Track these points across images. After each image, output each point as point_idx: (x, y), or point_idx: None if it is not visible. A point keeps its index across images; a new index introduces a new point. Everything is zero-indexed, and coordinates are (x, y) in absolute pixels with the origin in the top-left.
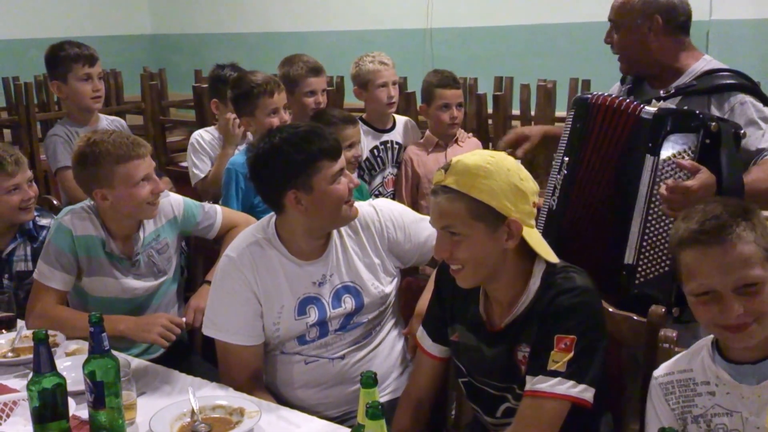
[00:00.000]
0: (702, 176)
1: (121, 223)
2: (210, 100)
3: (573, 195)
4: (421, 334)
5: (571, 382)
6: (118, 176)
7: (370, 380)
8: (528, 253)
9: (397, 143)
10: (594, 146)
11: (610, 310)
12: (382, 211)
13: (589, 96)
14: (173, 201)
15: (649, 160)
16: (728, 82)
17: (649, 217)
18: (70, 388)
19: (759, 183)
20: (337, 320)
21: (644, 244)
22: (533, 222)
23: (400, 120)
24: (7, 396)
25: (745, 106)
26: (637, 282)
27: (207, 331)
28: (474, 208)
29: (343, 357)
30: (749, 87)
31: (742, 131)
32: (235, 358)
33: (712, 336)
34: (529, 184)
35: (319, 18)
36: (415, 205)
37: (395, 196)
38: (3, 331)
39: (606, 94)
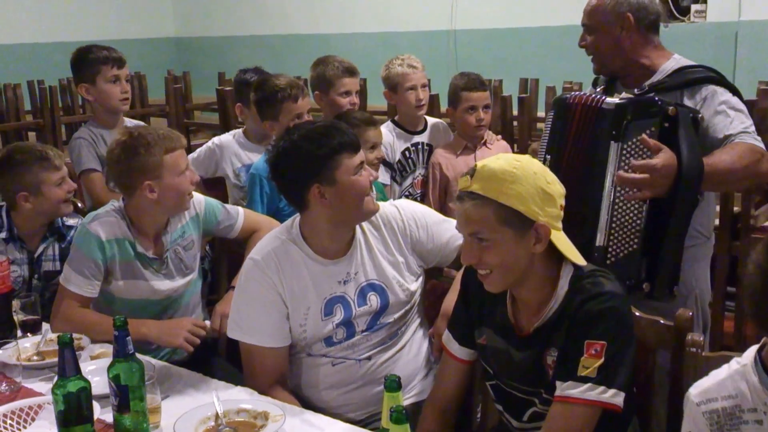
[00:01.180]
0: (664, 155)
1: (155, 220)
2: (235, 104)
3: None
4: (447, 338)
5: (602, 388)
6: (167, 165)
7: (394, 384)
8: (555, 257)
9: (428, 145)
10: (572, 143)
11: (637, 314)
12: (404, 210)
13: (568, 96)
14: (195, 199)
15: (613, 147)
16: (698, 76)
17: (616, 200)
18: (94, 391)
19: (718, 164)
20: (364, 320)
21: (613, 225)
22: (560, 225)
23: (432, 122)
24: (32, 399)
25: (715, 96)
26: (608, 262)
27: (232, 333)
28: (501, 214)
29: (369, 358)
30: (718, 79)
31: (700, 115)
32: (260, 360)
33: (752, 354)
34: (556, 187)
35: (342, 20)
36: (443, 208)
37: (423, 198)
38: (28, 334)
39: (583, 93)
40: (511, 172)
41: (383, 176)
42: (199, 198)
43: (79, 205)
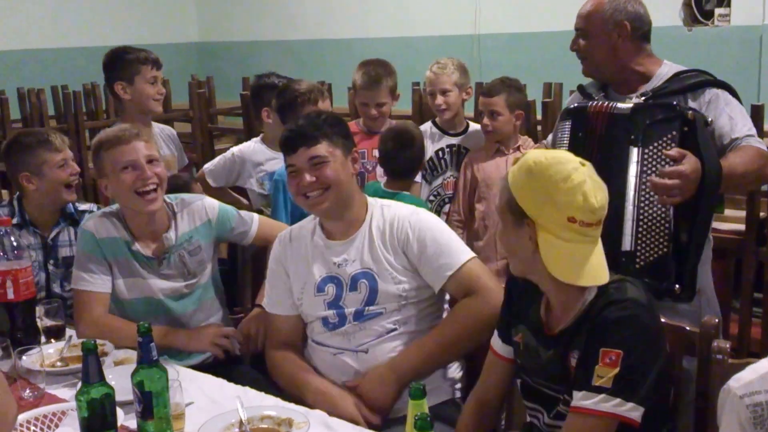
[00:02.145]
0: (691, 160)
1: (139, 220)
2: (255, 110)
3: None
4: (494, 337)
5: (618, 400)
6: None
7: (418, 392)
8: None
9: (464, 148)
10: (596, 151)
11: (662, 320)
12: (419, 215)
13: (588, 105)
14: (207, 205)
15: (634, 151)
16: (700, 79)
17: (641, 204)
18: (118, 397)
19: (736, 166)
20: (353, 306)
21: (639, 230)
22: (566, 235)
23: (473, 127)
24: (56, 406)
25: (719, 99)
26: (637, 266)
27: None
28: (508, 199)
29: (366, 351)
30: (720, 82)
31: (710, 119)
32: (270, 324)
33: None
34: (571, 198)
35: (365, 25)
36: (471, 209)
37: (453, 198)
38: (52, 340)
39: (600, 101)
40: (531, 166)
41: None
42: (212, 203)
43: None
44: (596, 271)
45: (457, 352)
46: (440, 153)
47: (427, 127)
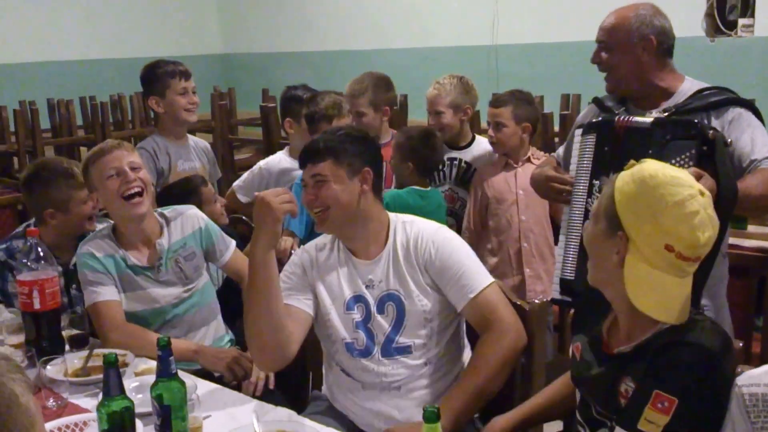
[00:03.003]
0: (707, 182)
1: (132, 228)
2: (282, 120)
3: None
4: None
5: None
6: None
7: (433, 415)
8: None
9: (465, 162)
10: (618, 166)
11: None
12: (443, 234)
13: (615, 119)
14: (199, 214)
15: None
16: (723, 97)
17: None
18: (137, 409)
19: (752, 189)
20: (381, 331)
21: None
22: (657, 261)
23: (480, 141)
24: (78, 416)
25: (741, 119)
26: None
27: None
28: (608, 203)
29: (399, 388)
30: (743, 100)
31: (729, 140)
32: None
33: None
34: (677, 226)
35: (384, 36)
36: (483, 226)
37: (453, 213)
38: (75, 349)
39: (626, 116)
40: (645, 177)
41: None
42: (203, 214)
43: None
44: (679, 308)
45: (488, 398)
46: (440, 165)
47: None
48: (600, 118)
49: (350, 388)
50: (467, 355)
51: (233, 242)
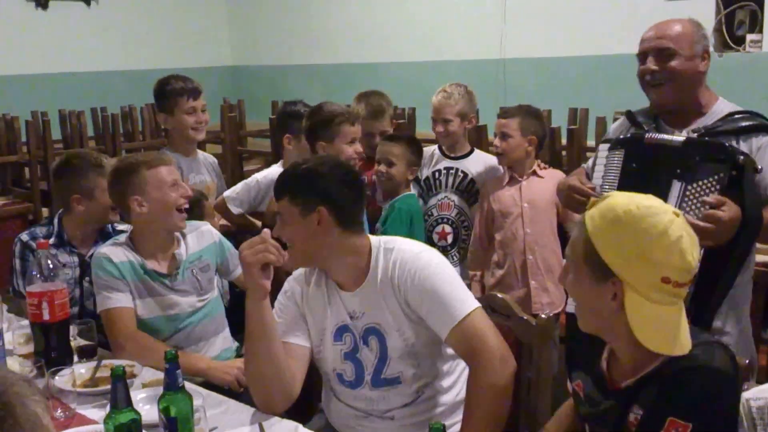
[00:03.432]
0: (732, 208)
1: (156, 239)
2: (281, 136)
3: None
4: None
5: None
6: (152, 181)
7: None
8: None
9: (462, 172)
10: (645, 184)
11: None
12: (420, 259)
13: (645, 136)
14: (213, 230)
15: (676, 185)
16: (754, 123)
17: None
18: (145, 420)
19: None
20: (369, 363)
21: None
22: (657, 296)
23: (481, 155)
24: (86, 428)
25: None
26: None
27: None
28: (587, 250)
29: (392, 417)
30: None
31: (760, 167)
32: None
33: None
34: (668, 256)
35: (393, 49)
36: (490, 239)
37: (451, 222)
38: (84, 360)
39: (656, 134)
40: (620, 216)
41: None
42: (216, 230)
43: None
44: (684, 337)
45: (500, 425)
46: (437, 174)
47: (433, 149)
48: (629, 135)
49: (347, 413)
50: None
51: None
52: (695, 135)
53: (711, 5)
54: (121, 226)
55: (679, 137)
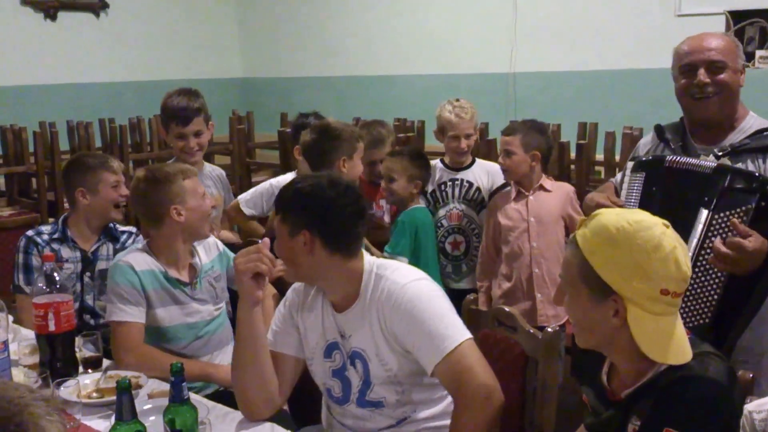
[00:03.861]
0: (756, 240)
1: (180, 248)
2: (293, 146)
3: None
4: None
5: None
6: (188, 190)
7: None
8: None
9: (467, 182)
10: (669, 208)
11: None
12: (407, 290)
13: (666, 161)
14: (215, 241)
15: (703, 213)
16: None
17: (696, 269)
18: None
19: None
20: (357, 384)
21: (687, 294)
22: (657, 308)
23: (482, 163)
24: None
25: None
26: None
27: None
28: (584, 270)
29: None
30: None
31: None
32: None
33: None
34: (665, 268)
35: (403, 62)
36: (497, 252)
37: (464, 231)
38: (89, 370)
39: (678, 156)
40: (613, 234)
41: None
42: (218, 241)
43: None
44: (685, 346)
45: None
46: (443, 186)
47: (435, 162)
48: (650, 157)
49: (340, 429)
50: None
51: None
52: (720, 153)
53: (721, 21)
54: (123, 228)
55: (709, 163)
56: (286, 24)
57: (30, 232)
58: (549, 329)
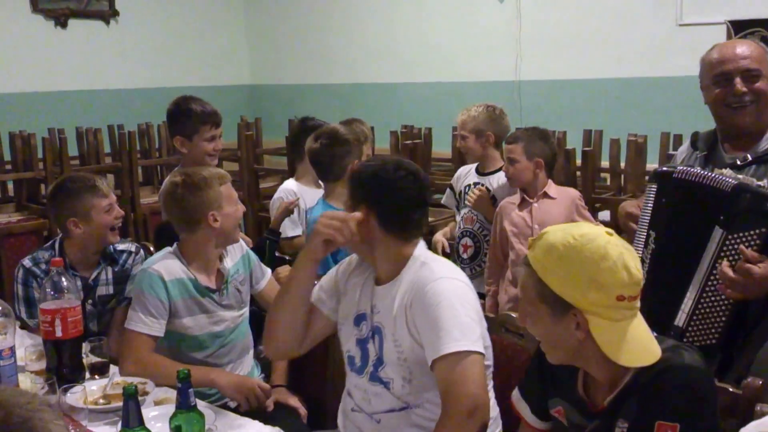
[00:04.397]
0: (766, 266)
1: (211, 253)
2: (296, 150)
3: (659, 269)
4: (518, 400)
5: None
6: (225, 196)
7: None
8: None
9: (487, 188)
10: (681, 221)
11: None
12: (438, 285)
13: (675, 172)
14: (241, 243)
15: (717, 232)
16: None
17: (707, 288)
18: None
19: None
20: (373, 357)
21: (697, 312)
22: (616, 314)
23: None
24: None
25: None
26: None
27: None
28: (541, 290)
29: (379, 421)
30: None
31: None
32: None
33: None
34: (616, 276)
35: (409, 70)
36: (504, 257)
37: (473, 236)
38: (96, 376)
39: (689, 168)
40: (561, 251)
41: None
42: (243, 243)
43: (152, 248)
44: (652, 345)
45: None
46: (467, 188)
47: (471, 166)
48: (664, 168)
49: (350, 412)
50: None
51: (269, 270)
52: (740, 163)
53: (722, 31)
54: (121, 246)
55: (728, 179)
56: (294, 32)
57: (27, 263)
58: None
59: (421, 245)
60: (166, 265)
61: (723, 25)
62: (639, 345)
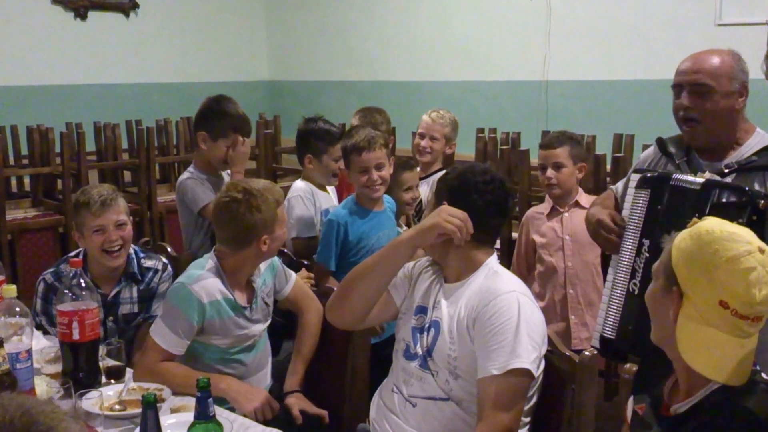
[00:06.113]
0: None
1: (251, 270)
2: (300, 153)
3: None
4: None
5: None
6: (279, 219)
7: None
8: None
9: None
10: (679, 229)
11: None
12: (505, 300)
13: (672, 177)
14: None
15: None
16: None
17: None
18: None
19: None
20: (424, 347)
21: None
22: (710, 317)
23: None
24: None
25: None
26: None
27: None
28: (666, 261)
29: (415, 405)
30: None
31: None
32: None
33: None
34: (732, 281)
35: (432, 68)
36: (530, 270)
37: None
38: (112, 381)
39: (683, 175)
40: (701, 234)
41: None
42: None
43: (169, 249)
44: (735, 369)
45: None
46: None
47: None
48: (656, 174)
49: (386, 405)
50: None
51: (293, 274)
52: (727, 171)
53: (763, 30)
54: (148, 262)
55: (698, 179)
56: (314, 28)
57: (49, 277)
58: (587, 353)
59: (494, 256)
60: (206, 285)
61: (764, 25)
62: (716, 357)
